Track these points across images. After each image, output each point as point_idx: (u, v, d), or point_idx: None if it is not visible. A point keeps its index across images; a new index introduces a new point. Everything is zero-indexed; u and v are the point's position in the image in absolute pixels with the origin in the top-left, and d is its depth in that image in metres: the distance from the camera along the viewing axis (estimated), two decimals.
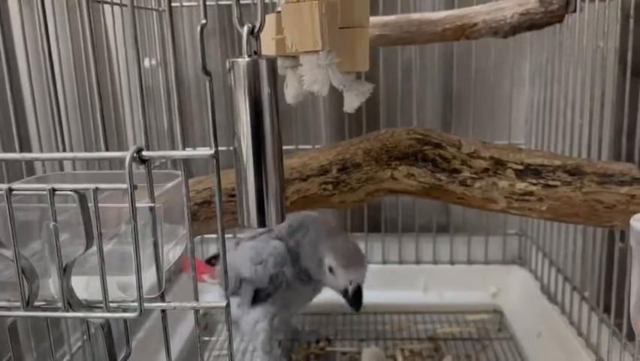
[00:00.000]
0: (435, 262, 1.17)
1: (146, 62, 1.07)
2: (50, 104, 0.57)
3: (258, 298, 0.88)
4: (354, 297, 0.84)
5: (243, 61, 0.38)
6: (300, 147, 1.07)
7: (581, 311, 0.85)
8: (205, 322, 1.07)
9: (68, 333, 0.69)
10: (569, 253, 0.91)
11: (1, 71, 0.42)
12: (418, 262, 1.17)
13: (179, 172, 0.52)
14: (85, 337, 0.75)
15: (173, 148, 1.10)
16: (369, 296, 1.03)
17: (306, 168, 0.64)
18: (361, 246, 1.16)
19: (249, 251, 0.88)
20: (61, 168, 0.53)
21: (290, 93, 0.65)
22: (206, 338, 1.00)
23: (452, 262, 1.16)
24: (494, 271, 1.14)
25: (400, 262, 1.17)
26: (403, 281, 1.11)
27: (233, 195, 0.64)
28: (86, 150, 0.77)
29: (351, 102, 0.66)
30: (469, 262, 1.16)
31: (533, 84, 1.07)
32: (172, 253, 0.51)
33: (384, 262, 1.17)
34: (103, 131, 0.42)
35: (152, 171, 0.41)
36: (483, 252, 1.15)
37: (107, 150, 0.42)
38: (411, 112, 1.09)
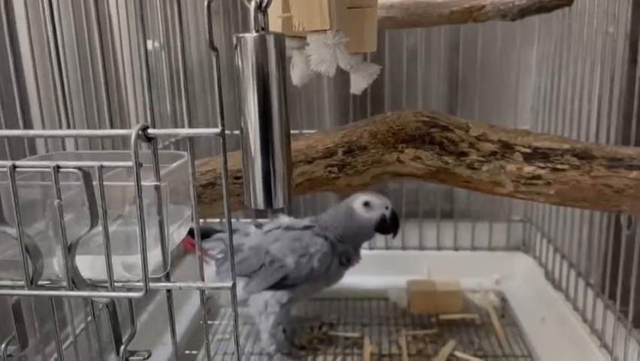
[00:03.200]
0: (438, 247, 1.16)
1: (149, 44, 1.06)
2: (53, 82, 0.56)
3: (280, 284, 0.89)
4: (392, 220, 0.94)
5: (251, 36, 0.37)
6: (304, 131, 1.06)
7: (586, 298, 0.85)
8: (207, 306, 1.07)
9: (72, 315, 0.69)
10: (574, 240, 0.91)
11: (4, 49, 0.41)
12: (421, 247, 1.17)
13: (183, 153, 0.52)
14: (89, 318, 0.75)
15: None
16: (372, 281, 1.04)
17: (312, 150, 0.64)
18: None
19: (293, 241, 0.91)
20: (64, 148, 0.53)
21: (296, 74, 0.64)
22: (209, 322, 1.00)
23: (456, 248, 1.16)
24: (498, 257, 1.14)
25: (404, 248, 1.17)
26: (406, 267, 1.11)
27: (237, 178, 0.64)
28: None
29: (358, 84, 0.65)
30: (473, 248, 1.16)
31: (540, 70, 1.06)
32: (177, 234, 0.51)
33: (387, 248, 1.17)
34: (108, 110, 0.41)
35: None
36: (487, 238, 1.15)
37: (111, 128, 0.42)
38: (416, 97, 1.08)
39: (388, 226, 0.94)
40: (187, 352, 0.93)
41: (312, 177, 0.64)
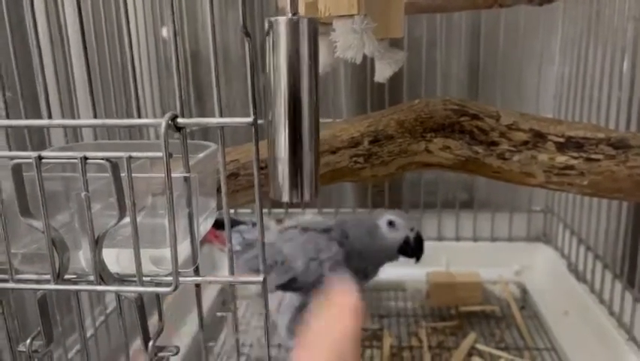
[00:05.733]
0: (457, 238, 1.15)
1: (164, 32, 1.04)
2: (71, 74, 0.55)
3: (290, 286, 0.86)
4: (416, 243, 0.87)
5: (284, 19, 0.35)
6: (320, 121, 1.04)
7: (613, 290, 0.83)
8: (222, 298, 1.06)
9: (92, 308, 0.68)
10: (600, 231, 0.89)
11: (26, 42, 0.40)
12: (440, 238, 1.15)
13: (209, 143, 0.51)
14: (108, 312, 0.74)
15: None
16: (390, 273, 1.02)
17: (336, 140, 0.62)
18: None
19: (306, 244, 0.86)
20: (81, 139, 0.51)
21: (319, 62, 0.62)
22: (225, 314, 0.99)
23: (475, 239, 1.14)
24: (518, 248, 1.12)
25: None
26: (425, 258, 1.08)
27: (261, 168, 0.62)
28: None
29: (384, 71, 0.63)
30: (493, 239, 1.14)
31: (564, 57, 1.03)
32: (203, 226, 0.49)
33: None
34: (136, 99, 0.40)
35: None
36: (507, 229, 1.13)
37: (139, 117, 0.40)
38: (435, 86, 1.06)
39: (412, 248, 0.87)
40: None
41: (335, 168, 0.62)
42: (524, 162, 0.59)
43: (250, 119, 0.37)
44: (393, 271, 1.05)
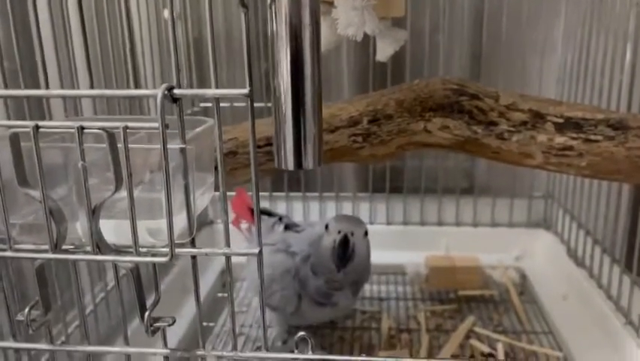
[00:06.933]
0: (457, 224, 1.15)
1: (166, 14, 1.04)
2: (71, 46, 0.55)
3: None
4: (339, 246, 0.71)
5: None
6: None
7: (612, 275, 0.83)
8: (222, 280, 1.06)
9: (92, 282, 0.69)
10: (600, 216, 0.89)
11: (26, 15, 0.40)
12: (440, 223, 1.15)
13: (207, 118, 0.51)
14: (110, 285, 0.75)
15: (193, 104, 1.08)
16: (389, 257, 1.02)
17: (335, 119, 0.62)
18: (382, 207, 1.16)
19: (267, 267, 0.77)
20: (81, 113, 0.52)
21: (321, 41, 0.62)
22: (226, 295, 1.00)
23: (475, 225, 1.14)
24: (519, 234, 1.12)
25: (422, 224, 1.15)
26: (424, 243, 1.10)
27: (260, 146, 0.62)
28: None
29: (385, 50, 0.63)
30: (493, 224, 1.14)
31: (567, 41, 1.03)
32: (200, 200, 0.50)
33: (405, 224, 1.15)
34: (133, 69, 0.40)
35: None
36: (507, 214, 1.13)
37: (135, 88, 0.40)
38: (438, 69, 1.06)
39: (335, 255, 0.72)
40: (204, 324, 0.92)
41: (335, 147, 0.62)
42: (523, 143, 0.60)
43: (246, 90, 0.37)
44: (393, 255, 1.06)
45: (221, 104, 1.14)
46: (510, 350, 0.84)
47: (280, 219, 0.89)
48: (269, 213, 0.91)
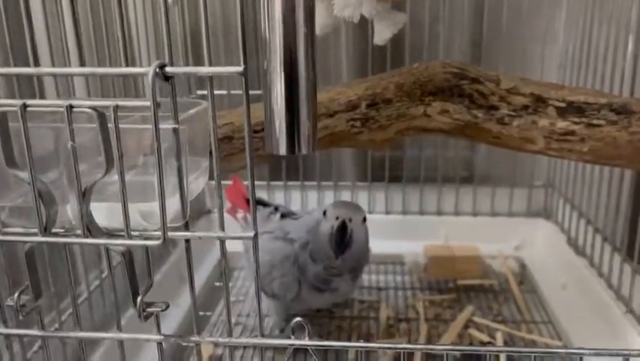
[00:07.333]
0: (457, 213, 1.14)
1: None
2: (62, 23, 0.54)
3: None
4: (337, 232, 0.70)
5: None
6: (320, 87, 1.03)
7: (612, 263, 0.82)
8: (220, 269, 1.05)
9: (85, 266, 0.68)
10: (601, 205, 0.88)
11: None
12: (439, 213, 1.14)
13: (201, 101, 0.50)
14: (104, 273, 0.74)
15: (190, 91, 1.06)
16: (388, 246, 1.01)
17: (334, 103, 0.61)
18: (381, 196, 1.15)
19: (266, 254, 0.76)
20: (74, 94, 0.50)
21: (318, 23, 0.61)
22: (222, 284, 0.99)
23: (475, 214, 1.13)
24: (518, 223, 1.11)
25: (421, 213, 1.14)
26: (423, 232, 1.09)
27: (256, 132, 0.61)
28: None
29: (382, 34, 0.62)
30: (493, 213, 1.13)
31: (569, 29, 1.01)
32: (195, 184, 0.49)
33: (404, 213, 1.14)
34: (123, 46, 0.38)
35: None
36: (507, 204, 1.12)
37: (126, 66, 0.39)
38: (438, 55, 1.04)
39: (333, 241, 0.71)
40: (201, 313, 0.92)
41: (333, 132, 0.61)
42: (524, 128, 0.59)
43: (240, 68, 0.36)
44: (392, 245, 1.05)
45: (218, 92, 1.12)
46: (509, 339, 0.83)
47: (276, 209, 0.88)
48: (264, 204, 0.90)
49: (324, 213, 0.73)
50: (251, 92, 0.37)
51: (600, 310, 0.81)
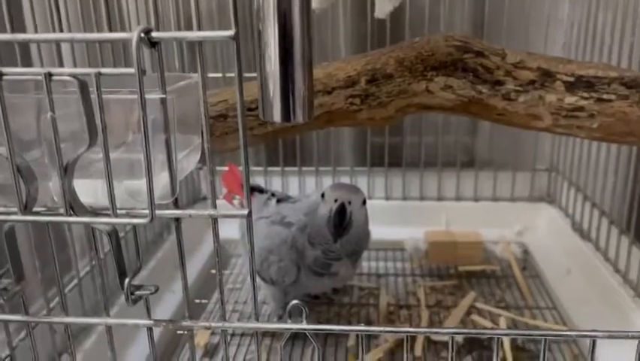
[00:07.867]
0: (458, 198, 1.11)
1: None
2: None
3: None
4: (336, 215, 0.68)
5: None
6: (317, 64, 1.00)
7: (619, 247, 0.80)
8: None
9: (75, 256, 0.66)
10: (607, 188, 0.86)
11: None
12: (440, 198, 1.12)
13: (191, 74, 0.47)
14: (93, 260, 0.71)
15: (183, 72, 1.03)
16: (388, 232, 0.99)
17: (332, 79, 0.59)
18: (381, 181, 1.12)
19: (263, 239, 0.74)
20: (60, 62, 0.48)
21: None
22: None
23: (476, 199, 1.11)
24: (521, 208, 1.09)
25: (422, 198, 1.12)
26: (424, 218, 1.06)
27: (250, 110, 0.59)
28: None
29: (383, 6, 0.59)
30: (495, 198, 1.11)
31: (574, 4, 0.99)
32: (186, 162, 0.46)
33: (404, 198, 1.12)
34: (106, 10, 0.36)
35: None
36: (509, 188, 1.10)
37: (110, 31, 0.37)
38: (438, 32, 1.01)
39: (331, 224, 0.69)
40: (197, 301, 0.90)
41: (331, 110, 0.59)
42: (531, 103, 0.56)
43: (231, 32, 0.34)
44: (392, 231, 1.03)
45: (213, 75, 1.07)
46: (513, 325, 0.81)
47: (273, 195, 0.85)
48: (260, 190, 0.88)
49: (323, 195, 0.71)
50: (246, 74, 0.34)
51: (607, 295, 0.79)
